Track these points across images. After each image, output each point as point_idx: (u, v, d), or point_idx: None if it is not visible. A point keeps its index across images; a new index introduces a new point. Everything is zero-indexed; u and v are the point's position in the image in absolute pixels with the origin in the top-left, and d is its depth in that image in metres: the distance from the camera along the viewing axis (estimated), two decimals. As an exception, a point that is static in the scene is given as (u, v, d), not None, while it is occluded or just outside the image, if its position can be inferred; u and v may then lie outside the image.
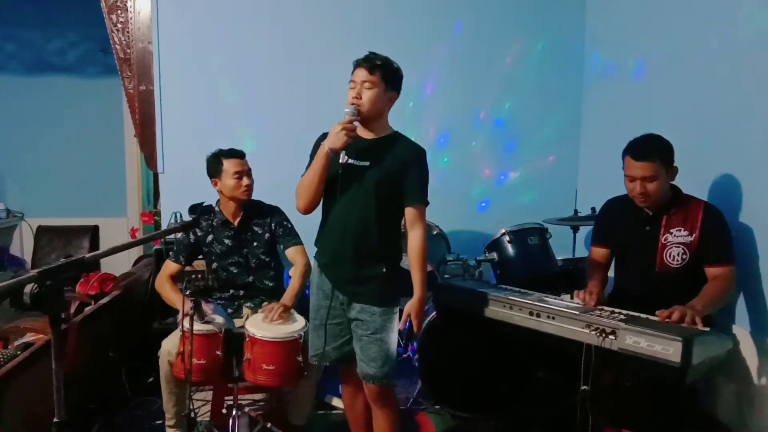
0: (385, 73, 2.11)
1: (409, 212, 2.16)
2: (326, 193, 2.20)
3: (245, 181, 2.71)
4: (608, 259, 2.64)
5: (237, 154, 2.73)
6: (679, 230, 2.33)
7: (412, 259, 2.16)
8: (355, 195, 2.13)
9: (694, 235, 2.31)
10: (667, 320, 2.03)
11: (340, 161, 2.12)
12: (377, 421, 2.29)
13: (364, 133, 2.18)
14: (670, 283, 2.34)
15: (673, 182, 2.37)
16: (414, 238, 2.16)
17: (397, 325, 2.22)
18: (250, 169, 2.75)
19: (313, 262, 2.33)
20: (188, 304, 2.27)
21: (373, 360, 2.15)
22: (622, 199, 2.52)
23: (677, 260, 2.34)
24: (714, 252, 2.29)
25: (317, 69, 3.70)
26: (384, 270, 2.15)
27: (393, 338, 2.20)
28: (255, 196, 2.84)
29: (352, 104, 2.10)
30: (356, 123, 2.11)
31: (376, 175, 2.11)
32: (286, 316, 2.52)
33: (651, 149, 2.29)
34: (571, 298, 2.42)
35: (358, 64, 2.13)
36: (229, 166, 2.69)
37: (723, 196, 2.48)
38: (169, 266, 2.78)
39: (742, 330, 2.41)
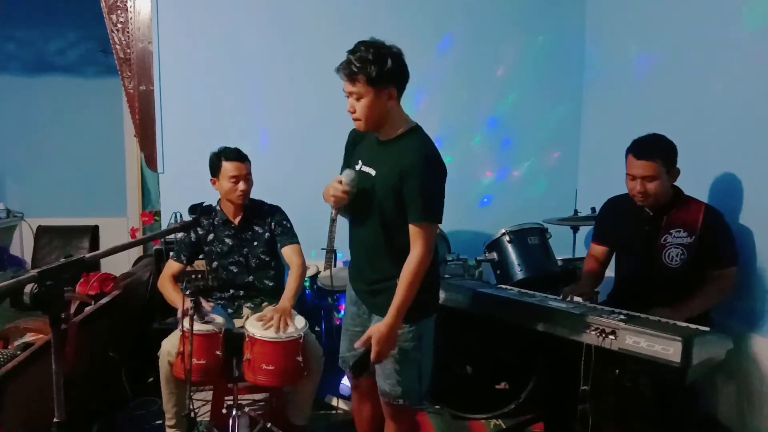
0: (369, 75, 1.82)
1: (410, 229, 1.89)
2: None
3: (241, 186, 2.66)
4: (606, 256, 2.64)
5: (238, 157, 2.67)
6: (679, 231, 2.34)
7: (399, 279, 1.89)
8: (364, 206, 1.99)
9: (693, 236, 2.31)
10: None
11: (332, 218, 2.01)
12: None
13: (378, 132, 1.99)
14: (669, 283, 2.35)
15: (675, 183, 2.37)
16: (408, 257, 1.88)
17: (420, 345, 1.97)
18: (248, 174, 2.69)
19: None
20: (188, 304, 2.27)
21: (388, 377, 2.01)
22: (623, 198, 2.52)
23: (676, 261, 2.34)
24: (715, 255, 2.30)
25: (317, 68, 3.66)
26: (397, 282, 1.93)
27: (412, 357, 1.98)
28: (257, 196, 2.84)
29: (354, 120, 1.92)
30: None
31: (377, 187, 1.94)
32: (290, 320, 2.50)
33: (654, 149, 2.29)
34: (560, 296, 2.42)
35: (338, 73, 1.89)
36: (227, 168, 2.65)
37: (723, 195, 2.49)
38: (172, 266, 2.78)
39: (742, 330, 2.41)
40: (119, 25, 3.76)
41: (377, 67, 1.82)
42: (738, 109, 2.45)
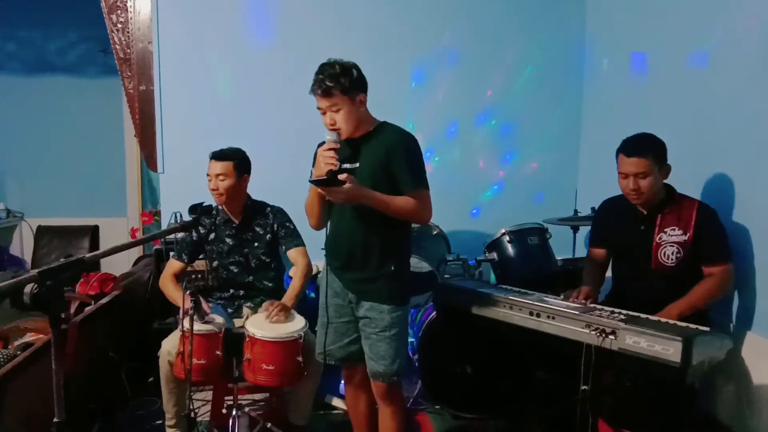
0: (342, 87, 2.04)
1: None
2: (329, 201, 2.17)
3: (211, 184, 2.68)
4: (606, 259, 2.64)
5: (215, 156, 2.70)
6: (674, 229, 2.35)
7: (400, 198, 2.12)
8: None
9: (688, 234, 2.32)
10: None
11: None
12: (383, 420, 2.28)
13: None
14: (666, 281, 2.35)
15: (667, 181, 2.38)
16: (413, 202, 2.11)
17: (407, 324, 2.21)
18: (221, 174, 2.65)
19: (322, 262, 2.32)
20: (189, 303, 2.27)
21: (383, 358, 2.15)
22: (617, 200, 2.53)
23: (672, 259, 2.35)
24: (709, 251, 2.31)
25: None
26: (392, 268, 2.15)
27: (403, 336, 2.21)
28: (257, 197, 2.84)
29: (332, 130, 2.07)
30: (340, 143, 2.07)
31: (367, 172, 2.09)
32: (286, 315, 2.52)
33: (643, 146, 2.31)
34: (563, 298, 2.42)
35: (313, 92, 2.08)
36: (209, 165, 2.70)
37: (721, 195, 2.49)
38: (173, 264, 2.78)
39: (741, 330, 2.41)
40: (119, 25, 3.76)
41: (347, 78, 2.05)
42: (736, 110, 2.45)
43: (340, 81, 2.03)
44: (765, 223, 2.31)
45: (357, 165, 2.12)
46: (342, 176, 1.98)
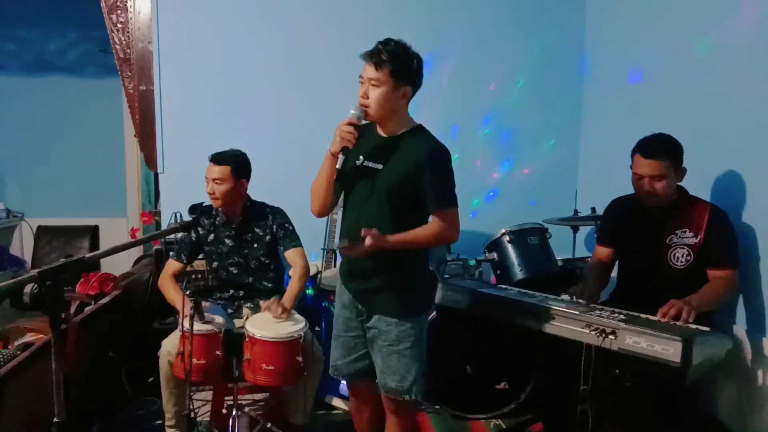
0: (395, 68, 1.90)
1: (435, 217, 2.01)
2: (345, 197, 2.11)
3: (208, 188, 2.68)
4: (612, 258, 2.62)
5: (213, 159, 2.68)
6: (685, 231, 2.33)
7: (419, 228, 2.03)
8: (369, 201, 2.02)
9: (699, 236, 2.29)
10: (665, 317, 2.05)
11: (337, 166, 1.98)
12: (389, 429, 2.22)
13: (380, 130, 2.04)
14: (674, 283, 2.33)
15: (680, 183, 2.36)
16: (437, 226, 2.02)
17: (421, 339, 2.08)
18: (219, 179, 2.64)
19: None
20: (188, 304, 2.27)
21: (394, 372, 2.06)
22: (627, 199, 2.51)
23: (681, 261, 2.33)
24: (717, 255, 2.28)
25: (318, 68, 3.70)
26: (401, 279, 2.04)
27: (415, 352, 2.07)
28: (257, 197, 2.84)
29: (361, 105, 1.94)
30: (363, 121, 1.97)
31: (387, 181, 1.98)
32: (286, 316, 2.52)
33: (661, 148, 2.29)
34: (569, 297, 2.42)
35: (365, 58, 1.93)
36: (207, 168, 2.69)
37: (724, 196, 2.48)
38: (172, 265, 2.78)
39: (742, 330, 2.41)
40: (119, 25, 3.76)
41: (403, 63, 1.93)
42: (737, 110, 2.45)
43: (396, 62, 1.90)
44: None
45: (381, 168, 1.99)
46: (363, 232, 1.88)
